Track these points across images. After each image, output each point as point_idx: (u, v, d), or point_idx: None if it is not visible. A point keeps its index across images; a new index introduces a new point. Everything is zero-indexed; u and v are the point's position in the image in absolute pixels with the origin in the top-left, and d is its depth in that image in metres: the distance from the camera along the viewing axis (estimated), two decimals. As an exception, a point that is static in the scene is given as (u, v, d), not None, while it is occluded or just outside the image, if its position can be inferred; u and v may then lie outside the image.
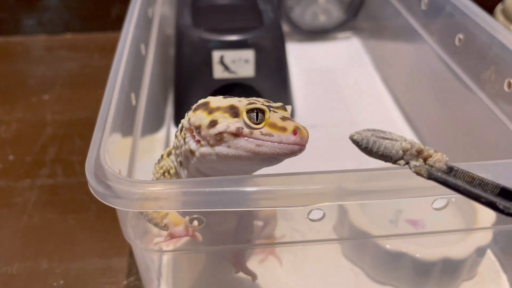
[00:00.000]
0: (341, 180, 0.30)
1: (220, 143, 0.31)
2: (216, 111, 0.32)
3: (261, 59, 0.65)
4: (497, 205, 0.24)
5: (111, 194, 0.30)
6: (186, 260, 0.46)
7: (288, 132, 0.30)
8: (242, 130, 0.30)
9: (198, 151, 0.32)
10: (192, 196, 0.30)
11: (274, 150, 0.30)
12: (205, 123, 0.32)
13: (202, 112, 0.32)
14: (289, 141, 0.30)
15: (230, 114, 0.31)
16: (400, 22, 0.75)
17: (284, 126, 0.30)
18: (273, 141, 0.30)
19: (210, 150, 0.31)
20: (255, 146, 0.30)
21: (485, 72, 0.51)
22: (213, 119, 0.31)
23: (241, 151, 0.31)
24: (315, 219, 0.33)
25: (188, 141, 0.33)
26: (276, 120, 0.31)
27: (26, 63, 0.89)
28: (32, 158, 0.65)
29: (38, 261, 0.51)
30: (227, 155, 0.31)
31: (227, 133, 0.31)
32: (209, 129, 0.31)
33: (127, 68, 0.43)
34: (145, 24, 0.58)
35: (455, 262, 0.44)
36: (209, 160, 0.32)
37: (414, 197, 0.31)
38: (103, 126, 0.35)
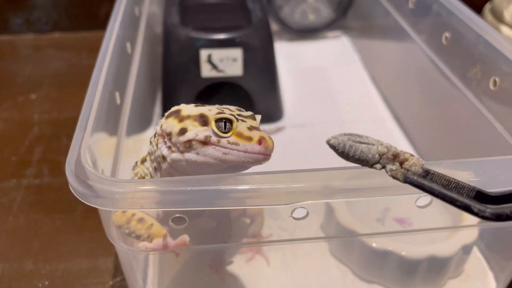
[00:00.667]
0: (324, 178, 0.30)
1: (189, 150, 0.33)
2: (187, 119, 0.33)
3: (249, 58, 0.65)
4: (472, 208, 0.25)
5: (92, 193, 0.30)
6: (171, 259, 0.46)
7: (254, 141, 0.32)
8: (210, 138, 0.32)
9: (169, 157, 0.34)
10: (174, 195, 0.30)
11: (240, 159, 0.32)
12: (175, 130, 0.33)
13: (173, 120, 0.34)
14: (254, 150, 0.32)
15: (200, 122, 0.33)
16: (388, 21, 0.75)
17: (250, 136, 0.32)
18: (239, 150, 0.32)
19: (180, 156, 0.33)
20: (222, 154, 0.32)
21: (472, 70, 0.52)
22: (183, 127, 0.33)
23: (209, 158, 0.32)
24: (299, 217, 0.33)
25: (161, 146, 0.34)
26: (243, 129, 0.32)
27: (13, 63, 0.89)
28: (18, 158, 0.64)
29: (23, 261, 0.50)
30: (196, 162, 0.33)
31: (195, 141, 0.32)
32: (179, 137, 0.33)
33: (111, 67, 0.43)
34: (132, 23, 0.58)
35: (441, 260, 0.44)
36: (180, 165, 0.33)
37: (398, 195, 0.31)
38: (84, 125, 0.35)
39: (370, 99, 0.78)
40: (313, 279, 0.48)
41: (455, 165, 0.33)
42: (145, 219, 0.34)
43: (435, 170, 0.26)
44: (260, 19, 0.67)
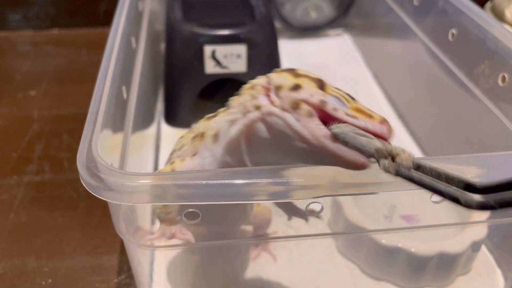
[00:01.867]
0: (339, 172, 0.30)
1: (293, 111, 0.28)
2: (303, 77, 0.30)
3: (253, 54, 0.64)
4: (459, 199, 0.25)
5: (104, 187, 0.29)
6: (179, 255, 0.45)
7: (376, 120, 0.28)
8: (325, 104, 0.28)
9: (266, 107, 0.29)
10: (187, 189, 0.29)
11: (336, 151, 0.27)
12: (288, 84, 0.29)
13: (287, 75, 0.30)
14: (375, 129, 0.28)
15: (317, 85, 0.29)
16: (391, 19, 0.75)
17: (371, 114, 0.28)
18: (359, 125, 0.27)
19: (279, 112, 0.29)
20: (322, 136, 0.27)
21: (479, 67, 0.51)
22: (298, 83, 0.29)
23: (306, 132, 0.28)
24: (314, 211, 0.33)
25: (259, 96, 0.30)
26: (362, 107, 0.29)
27: (12, 59, 0.87)
28: (18, 154, 0.64)
29: (25, 259, 0.49)
30: (291, 127, 0.28)
31: (306, 104, 0.28)
32: (290, 92, 0.29)
33: (118, 61, 0.42)
34: (136, 18, 0.57)
35: (451, 257, 0.44)
36: (273, 122, 0.29)
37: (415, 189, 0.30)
38: (94, 118, 0.34)
39: (373, 97, 0.77)
40: (320, 277, 0.48)
41: (461, 160, 0.33)
42: (169, 206, 0.33)
43: (427, 164, 0.27)
44: (264, 15, 0.67)
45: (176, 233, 0.33)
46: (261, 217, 0.44)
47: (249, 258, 0.48)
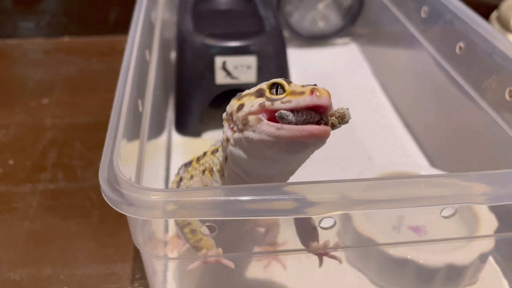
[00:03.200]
0: (355, 188, 0.31)
1: (246, 127, 0.32)
2: (245, 96, 0.34)
3: (263, 65, 0.65)
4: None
5: (125, 201, 0.30)
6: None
7: (306, 94, 0.31)
8: (264, 104, 0.32)
9: (232, 137, 0.33)
10: (206, 206, 0.30)
11: (293, 133, 0.31)
12: (235, 108, 0.33)
13: (233, 100, 0.34)
14: (306, 102, 0.30)
15: (256, 95, 0.33)
16: (398, 29, 0.76)
17: (303, 91, 0.31)
18: (291, 107, 0.31)
19: (240, 135, 0.33)
20: (275, 129, 0.31)
21: (486, 80, 0.52)
22: (241, 103, 0.33)
23: (264, 135, 0.31)
24: (326, 227, 0.34)
25: (225, 130, 0.34)
26: (295, 88, 0.32)
27: (24, 66, 0.89)
28: (32, 162, 0.65)
29: (41, 267, 0.51)
30: (254, 139, 0.32)
31: (251, 115, 0.32)
32: (237, 113, 0.33)
33: (135, 74, 0.43)
34: (149, 29, 0.58)
35: (459, 268, 0.45)
36: (241, 145, 0.33)
37: (429, 205, 0.31)
38: (114, 133, 0.35)
39: (379, 106, 0.78)
40: (330, 286, 0.49)
41: (474, 177, 0.34)
42: (197, 232, 0.36)
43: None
44: (274, 27, 0.68)
45: (220, 260, 0.35)
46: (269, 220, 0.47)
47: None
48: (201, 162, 0.41)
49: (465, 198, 0.33)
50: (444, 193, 0.33)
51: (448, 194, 0.33)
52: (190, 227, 0.36)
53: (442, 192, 0.33)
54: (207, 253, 0.35)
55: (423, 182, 0.33)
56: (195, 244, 0.36)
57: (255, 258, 0.50)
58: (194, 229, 0.36)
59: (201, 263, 0.35)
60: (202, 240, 0.36)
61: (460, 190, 0.33)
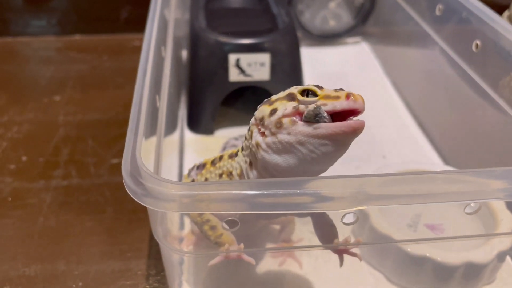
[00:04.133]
0: (381, 183, 0.31)
1: (280, 130, 0.32)
2: (276, 101, 0.33)
3: (276, 62, 0.65)
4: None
5: (148, 194, 0.30)
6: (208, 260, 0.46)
7: (341, 98, 0.31)
8: (298, 107, 0.32)
9: (263, 143, 0.33)
10: (230, 199, 0.30)
11: (331, 130, 0.31)
12: (266, 113, 0.33)
13: (264, 106, 0.34)
14: (343, 106, 0.31)
15: (287, 99, 0.33)
16: (411, 27, 0.75)
17: (337, 95, 0.31)
18: (327, 110, 0.31)
19: (273, 138, 0.32)
20: (312, 129, 0.31)
21: (504, 78, 0.52)
22: (273, 108, 0.33)
23: (301, 136, 0.31)
24: (349, 222, 0.33)
25: (255, 135, 0.34)
26: (329, 92, 0.32)
27: (35, 64, 0.89)
28: (45, 159, 0.65)
29: (56, 262, 0.51)
30: (289, 142, 0.32)
31: (286, 118, 0.32)
32: (270, 117, 0.33)
33: (153, 71, 0.43)
34: (164, 26, 0.58)
35: (477, 267, 0.44)
36: (276, 150, 0.32)
37: (451, 201, 0.31)
38: (135, 127, 0.35)
39: (392, 105, 0.78)
40: (345, 285, 0.49)
41: (487, 174, 0.33)
42: (217, 227, 0.35)
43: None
44: (287, 24, 0.68)
45: (242, 256, 0.35)
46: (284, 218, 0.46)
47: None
48: (218, 166, 0.41)
49: (484, 195, 0.33)
50: (463, 189, 0.33)
51: (466, 190, 0.33)
52: (210, 224, 0.36)
53: (462, 188, 0.33)
54: (229, 248, 0.35)
55: (443, 178, 0.33)
56: (217, 240, 0.36)
57: (270, 255, 0.49)
58: (214, 225, 0.36)
59: (222, 258, 0.35)
60: (223, 235, 0.36)
61: (478, 187, 0.33)
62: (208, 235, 0.36)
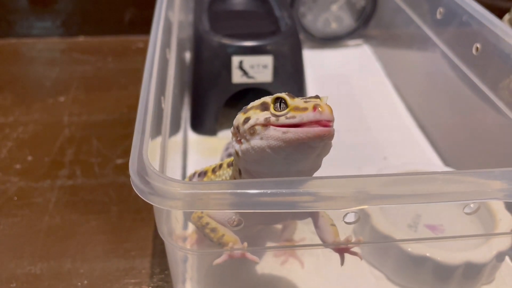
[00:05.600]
0: (382, 183, 0.31)
1: (253, 136, 0.33)
2: (250, 110, 0.35)
3: (279, 64, 0.66)
4: None
5: (155, 192, 0.31)
6: (211, 259, 0.47)
7: (309, 110, 0.32)
8: (269, 119, 0.33)
9: (240, 150, 0.35)
10: (235, 198, 0.31)
11: (298, 135, 0.32)
12: (241, 121, 0.35)
13: (239, 114, 0.36)
14: (309, 118, 0.31)
15: (261, 109, 0.34)
16: (412, 30, 0.76)
17: (306, 107, 0.32)
18: (295, 122, 0.32)
19: (247, 145, 0.34)
20: (282, 133, 0.32)
21: (504, 81, 0.53)
22: (247, 116, 0.35)
23: (271, 140, 0.33)
24: (350, 222, 0.34)
25: (234, 144, 0.36)
26: (299, 103, 0.33)
27: (40, 65, 0.90)
28: (50, 159, 0.66)
29: (61, 261, 0.51)
30: (261, 147, 0.33)
31: (257, 125, 0.33)
32: (244, 125, 0.34)
33: (158, 72, 0.44)
34: (168, 29, 0.59)
35: (477, 266, 0.45)
36: (250, 156, 0.34)
37: (452, 201, 0.32)
38: (142, 127, 0.36)
39: (393, 107, 0.79)
40: (347, 284, 0.49)
41: (486, 174, 0.34)
42: (217, 229, 0.36)
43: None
44: (290, 27, 0.69)
45: (246, 255, 0.36)
46: None
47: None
48: (218, 174, 0.42)
49: (482, 195, 0.34)
50: (462, 189, 0.33)
51: (466, 191, 0.33)
52: (209, 227, 0.37)
53: (461, 188, 0.33)
54: (233, 247, 0.36)
55: (443, 178, 0.34)
56: (219, 241, 0.36)
57: (272, 254, 0.50)
58: (214, 227, 0.37)
59: (226, 258, 0.36)
60: (225, 236, 0.37)
61: (477, 187, 0.34)
62: (211, 237, 0.37)
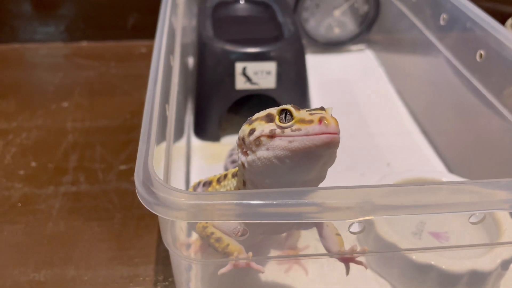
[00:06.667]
0: (387, 193, 0.31)
1: (259, 147, 0.34)
2: (255, 121, 0.35)
3: (282, 71, 0.66)
4: None
5: (160, 203, 0.31)
6: (215, 267, 0.47)
7: (314, 123, 0.32)
8: (275, 131, 0.33)
9: (246, 161, 0.35)
10: (239, 208, 0.31)
11: (304, 143, 0.32)
12: (246, 133, 0.35)
13: (245, 126, 0.36)
14: (315, 131, 0.31)
15: (266, 120, 0.34)
16: (415, 36, 0.76)
17: (311, 119, 0.32)
18: (301, 135, 0.32)
19: (253, 156, 0.34)
20: (288, 143, 0.32)
21: (508, 87, 0.52)
22: (252, 127, 0.35)
23: (278, 150, 0.33)
24: (355, 231, 0.34)
25: (240, 155, 0.36)
26: (304, 115, 0.33)
27: (43, 71, 0.90)
28: (54, 165, 0.66)
29: (65, 268, 0.51)
30: (268, 158, 0.33)
31: (263, 136, 0.33)
32: (249, 137, 0.34)
33: (163, 80, 0.44)
34: (172, 35, 0.59)
35: (482, 275, 0.45)
36: (256, 167, 0.34)
37: (457, 211, 0.32)
38: (147, 136, 0.36)
39: (396, 112, 0.79)
40: (351, 291, 0.49)
41: (492, 185, 0.34)
42: (222, 239, 0.36)
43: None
44: (293, 33, 0.69)
45: (251, 264, 0.36)
46: None
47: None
48: (223, 184, 0.42)
49: (487, 205, 0.33)
50: (468, 199, 0.33)
51: (471, 201, 0.33)
52: (214, 236, 0.37)
53: (467, 198, 0.33)
54: (238, 256, 0.36)
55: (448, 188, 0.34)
56: (224, 250, 0.36)
57: (276, 261, 0.50)
58: (219, 237, 0.37)
59: (231, 267, 0.36)
60: (230, 245, 0.36)
61: (482, 197, 0.33)
62: (216, 247, 0.37)
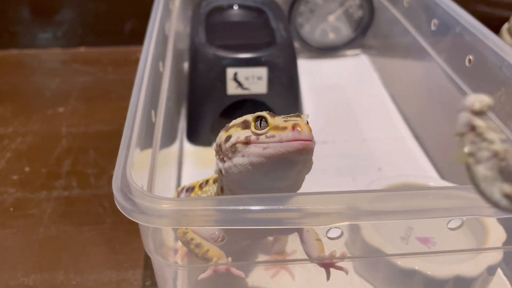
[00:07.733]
0: (364, 199, 0.31)
1: (235, 154, 0.34)
2: (231, 128, 0.36)
3: (273, 76, 0.66)
4: None
5: (137, 210, 0.31)
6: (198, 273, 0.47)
7: (288, 130, 0.32)
8: (250, 137, 0.34)
9: (223, 168, 0.35)
10: (217, 214, 0.31)
11: (278, 150, 0.33)
12: (223, 139, 0.36)
13: (221, 132, 0.37)
14: (288, 137, 0.32)
15: (242, 127, 0.35)
16: (408, 41, 0.76)
17: (285, 126, 0.33)
18: (275, 141, 0.33)
19: (230, 163, 0.35)
20: (262, 149, 0.33)
21: (495, 93, 0.52)
22: (228, 134, 0.35)
23: (252, 157, 0.33)
24: (333, 237, 0.34)
25: (217, 162, 0.36)
26: (279, 122, 0.33)
27: (41, 76, 0.91)
28: (47, 170, 0.66)
29: (54, 272, 0.52)
30: (243, 164, 0.34)
31: (239, 143, 0.34)
32: (225, 144, 0.35)
33: (148, 86, 0.44)
34: (163, 41, 0.60)
35: (467, 280, 0.45)
36: (232, 174, 0.35)
37: (435, 217, 0.32)
38: (127, 143, 0.36)
39: (390, 117, 0.79)
40: (338, 297, 0.49)
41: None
42: (202, 244, 0.37)
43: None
44: (285, 39, 0.69)
45: (231, 270, 0.36)
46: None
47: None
48: (204, 190, 0.43)
49: (473, 211, 0.34)
50: (452, 205, 0.33)
51: (456, 206, 0.33)
52: (194, 242, 0.38)
53: (450, 204, 0.33)
54: (218, 262, 0.36)
55: (431, 194, 0.34)
56: (204, 256, 0.37)
57: (263, 267, 0.50)
58: (199, 243, 0.37)
59: (211, 272, 0.36)
60: (209, 251, 0.37)
61: (468, 203, 0.34)
62: (196, 253, 0.37)
